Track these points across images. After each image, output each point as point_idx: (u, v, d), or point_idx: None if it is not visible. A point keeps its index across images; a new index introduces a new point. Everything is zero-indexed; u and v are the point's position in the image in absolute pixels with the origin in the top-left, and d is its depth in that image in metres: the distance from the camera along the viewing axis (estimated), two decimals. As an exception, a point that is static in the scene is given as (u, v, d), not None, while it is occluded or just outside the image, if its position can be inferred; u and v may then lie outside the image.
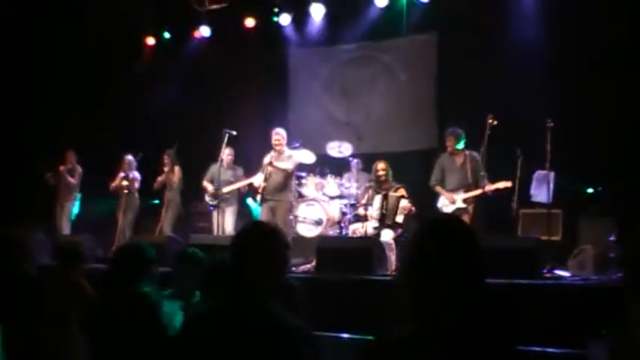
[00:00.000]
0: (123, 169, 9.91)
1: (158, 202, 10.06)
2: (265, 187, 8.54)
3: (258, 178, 8.61)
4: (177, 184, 9.81)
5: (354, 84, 11.11)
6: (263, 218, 8.43)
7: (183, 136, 10.11)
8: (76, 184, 10.25)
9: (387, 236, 7.75)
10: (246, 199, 9.78)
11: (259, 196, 8.61)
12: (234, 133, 8.92)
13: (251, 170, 9.11)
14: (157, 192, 9.96)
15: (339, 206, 8.96)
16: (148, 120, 11.19)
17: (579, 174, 8.12)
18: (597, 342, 3.22)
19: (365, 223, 8.07)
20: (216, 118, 10.25)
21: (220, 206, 9.10)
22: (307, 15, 11.00)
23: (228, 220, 9.27)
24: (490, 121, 7.57)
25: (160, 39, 11.92)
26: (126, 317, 3.41)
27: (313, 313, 2.77)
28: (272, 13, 11.08)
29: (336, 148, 9.39)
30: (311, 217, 8.76)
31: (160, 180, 9.80)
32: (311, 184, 9.13)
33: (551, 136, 7.18)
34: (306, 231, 8.73)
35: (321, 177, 9.23)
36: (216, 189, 9.03)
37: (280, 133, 8.77)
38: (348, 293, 6.19)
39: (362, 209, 8.31)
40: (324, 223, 8.64)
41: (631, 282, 3.09)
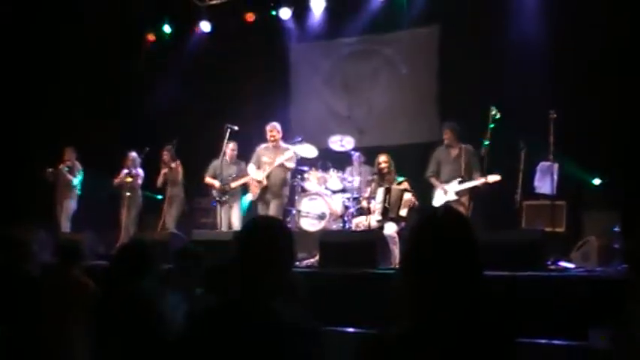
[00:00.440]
0: (126, 165, 9.92)
1: (162, 198, 10.05)
2: (267, 183, 8.54)
3: (259, 174, 8.57)
4: (180, 180, 9.80)
5: (355, 78, 11.07)
6: (260, 213, 8.43)
7: (184, 132, 10.10)
8: (77, 181, 10.15)
9: (390, 229, 7.73)
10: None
11: (257, 191, 8.58)
12: (236, 128, 8.91)
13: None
14: (160, 188, 9.94)
15: (342, 200, 8.95)
16: (148, 116, 11.16)
17: (583, 165, 8.09)
18: (597, 330, 3.20)
19: (368, 217, 8.05)
20: (218, 113, 10.23)
21: (227, 202, 9.07)
22: (308, 9, 10.97)
23: (235, 215, 9.21)
24: (493, 113, 7.54)
25: (160, 35, 11.90)
26: (128, 313, 3.40)
27: (317, 307, 2.76)
28: (272, 7, 11.05)
29: (338, 142, 9.35)
30: (314, 212, 8.74)
31: (163, 177, 9.80)
32: (313, 178, 9.11)
33: (554, 127, 7.14)
34: (309, 225, 8.71)
35: (324, 171, 9.21)
36: (223, 184, 9.01)
37: (276, 127, 8.74)
38: (352, 287, 6.18)
39: (365, 202, 8.29)
40: (327, 217, 8.63)
41: (633, 278, 3.08)
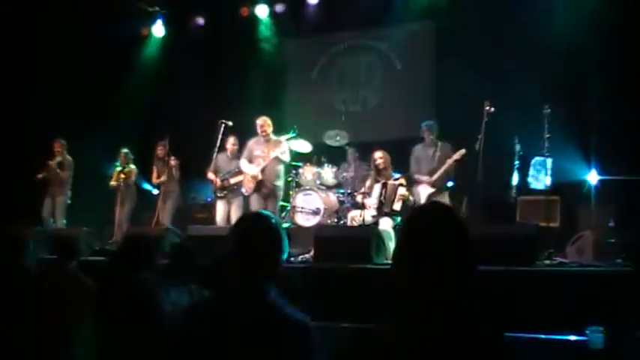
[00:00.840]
0: (120, 161, 9.91)
1: (157, 193, 10.04)
2: (261, 177, 8.50)
3: (252, 168, 8.53)
4: (175, 175, 9.79)
5: (350, 73, 11.08)
6: (255, 207, 8.40)
7: (179, 128, 10.09)
8: (68, 176, 10.02)
9: (385, 224, 7.74)
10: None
11: (251, 185, 8.54)
12: (230, 123, 8.90)
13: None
14: (156, 184, 9.95)
15: (337, 195, 8.95)
16: (144, 112, 11.15)
17: (577, 160, 8.12)
18: (596, 327, 3.22)
19: (363, 212, 8.06)
20: (213, 108, 10.20)
21: (227, 197, 9.04)
22: (303, 3, 10.96)
23: (235, 210, 9.09)
24: (487, 107, 7.54)
25: (154, 30, 11.88)
26: (128, 307, 3.41)
27: (311, 302, 2.76)
28: (268, 1, 11.06)
29: (333, 137, 9.36)
30: (309, 207, 8.73)
31: (156, 173, 9.80)
32: (308, 173, 9.12)
33: (548, 122, 7.15)
34: (304, 220, 8.70)
35: (318, 166, 9.21)
36: (222, 180, 8.98)
37: (267, 121, 8.61)
38: (346, 282, 6.18)
39: (360, 197, 8.30)
40: (322, 212, 8.62)
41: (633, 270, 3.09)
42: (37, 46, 11.16)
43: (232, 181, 8.96)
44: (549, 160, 7.37)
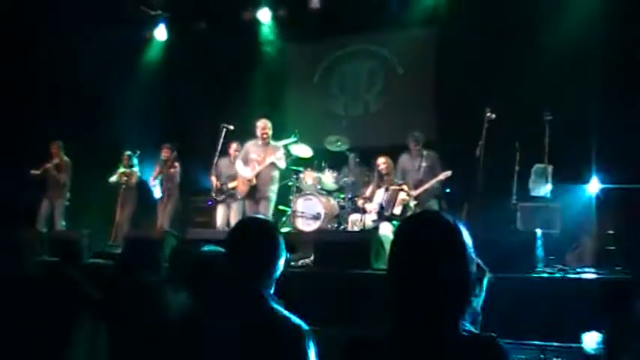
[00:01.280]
0: (122, 164, 9.92)
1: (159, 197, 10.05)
2: (256, 182, 8.47)
3: (247, 171, 8.49)
4: (177, 178, 9.80)
5: (352, 78, 11.10)
6: (249, 211, 8.39)
7: (180, 131, 10.10)
8: (66, 178, 9.96)
9: (385, 229, 7.75)
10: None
11: (245, 189, 8.52)
12: (232, 127, 8.90)
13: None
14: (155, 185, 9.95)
15: (337, 200, 8.96)
16: (145, 115, 11.16)
17: (577, 167, 8.12)
18: (591, 334, 3.23)
19: (364, 216, 8.07)
20: (214, 112, 10.23)
21: (226, 201, 9.04)
22: (305, 8, 10.97)
23: (234, 214, 9.06)
24: (488, 114, 7.55)
25: (156, 34, 11.90)
26: (134, 305, 3.42)
27: (311, 306, 2.77)
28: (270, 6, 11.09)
29: (334, 142, 9.38)
30: (309, 212, 8.73)
31: (158, 174, 9.80)
32: (309, 178, 9.12)
33: (549, 129, 7.16)
34: (304, 225, 8.71)
35: (319, 171, 9.22)
36: (221, 184, 8.98)
37: (267, 124, 8.59)
38: (346, 287, 6.18)
39: (361, 202, 8.31)
40: (323, 217, 8.62)
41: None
42: (37, 48, 11.16)
43: (230, 185, 8.98)
44: (550, 167, 7.38)
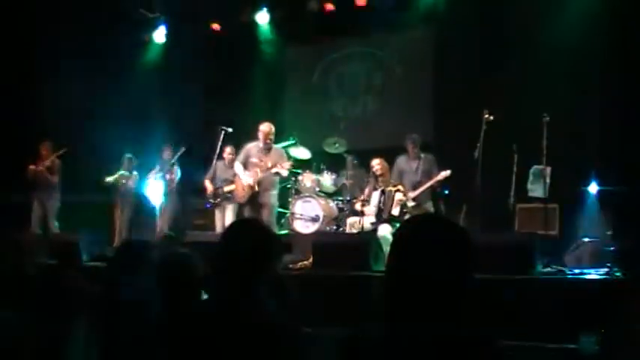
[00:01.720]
0: (124, 166, 9.93)
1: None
2: (257, 189, 8.35)
3: (248, 177, 8.33)
4: (175, 181, 9.80)
5: (349, 80, 11.11)
6: (247, 216, 8.33)
7: (179, 134, 10.10)
8: (57, 179, 9.83)
9: (384, 231, 7.75)
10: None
11: (244, 194, 8.46)
12: (230, 130, 8.89)
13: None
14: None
15: (336, 202, 8.96)
16: (144, 118, 11.16)
17: (575, 168, 8.13)
18: (588, 335, 3.23)
19: (362, 218, 8.07)
20: (212, 114, 10.23)
21: (221, 204, 9.04)
22: (303, 10, 10.98)
23: (230, 218, 8.93)
24: (486, 116, 7.56)
25: (155, 37, 11.91)
26: (130, 314, 3.41)
27: (310, 309, 2.77)
28: (267, 9, 11.10)
29: (332, 144, 9.38)
30: (307, 214, 8.72)
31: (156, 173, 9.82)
32: (307, 180, 9.11)
33: (547, 130, 7.17)
34: (302, 227, 8.70)
35: (317, 173, 9.22)
36: (216, 188, 8.97)
37: (272, 128, 8.36)
38: (345, 289, 6.18)
39: (359, 205, 8.32)
40: (321, 219, 8.62)
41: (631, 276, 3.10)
42: (37, 51, 11.17)
43: (226, 189, 8.94)
44: (548, 168, 7.39)
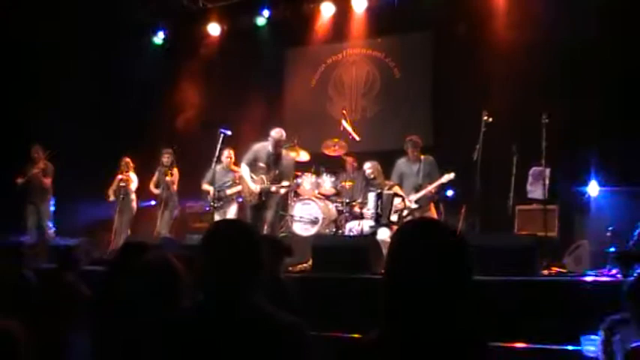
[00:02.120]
0: (120, 170, 9.91)
1: (155, 203, 10.04)
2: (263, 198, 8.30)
3: (253, 184, 8.23)
4: (175, 184, 9.80)
5: (349, 82, 11.11)
6: (250, 217, 8.31)
7: (177, 137, 10.11)
8: (50, 182, 9.83)
9: (383, 235, 7.75)
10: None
11: (250, 199, 8.41)
12: (229, 132, 8.88)
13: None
14: (152, 191, 9.94)
15: (335, 205, 8.96)
16: (142, 121, 11.17)
17: (575, 170, 8.13)
18: (589, 336, 3.23)
19: (361, 222, 8.07)
20: (211, 117, 10.23)
21: (221, 207, 9.03)
22: (302, 13, 11.00)
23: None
24: (485, 117, 7.56)
25: (155, 39, 11.93)
26: (126, 317, 3.40)
27: (309, 312, 2.76)
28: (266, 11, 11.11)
29: (332, 146, 9.38)
30: (307, 216, 8.73)
31: (156, 179, 9.80)
32: (307, 182, 9.10)
33: (546, 131, 7.17)
34: (302, 230, 8.70)
35: (317, 176, 9.22)
36: (217, 191, 8.95)
37: (284, 134, 8.23)
38: (344, 292, 6.17)
39: (357, 207, 8.32)
40: (321, 221, 8.62)
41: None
42: (36, 55, 11.16)
43: (228, 192, 8.96)
44: (547, 170, 7.39)
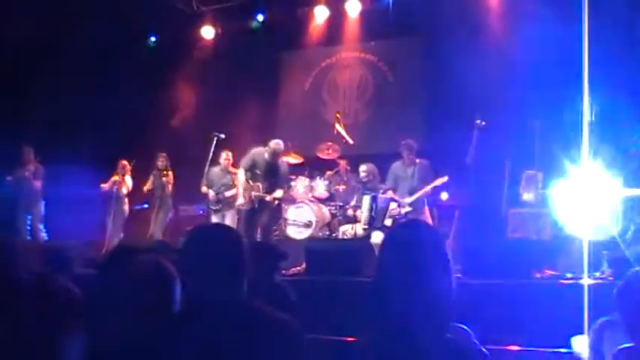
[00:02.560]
0: (117, 172, 9.89)
1: (147, 206, 10.02)
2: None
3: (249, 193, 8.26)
4: (170, 188, 9.78)
5: (343, 85, 11.13)
6: (245, 221, 8.31)
7: (171, 140, 10.09)
8: (41, 185, 9.78)
9: (377, 238, 7.75)
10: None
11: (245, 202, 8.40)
12: (223, 135, 8.89)
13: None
14: (146, 194, 9.92)
15: (329, 208, 8.97)
16: (137, 124, 11.15)
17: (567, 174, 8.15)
18: (580, 338, 3.24)
19: (354, 225, 8.08)
20: (205, 120, 10.23)
21: (220, 210, 9.01)
22: (296, 17, 11.02)
23: (228, 223, 8.97)
24: (478, 122, 7.58)
25: (150, 42, 11.93)
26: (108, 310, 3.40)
27: (303, 315, 2.76)
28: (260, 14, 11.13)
29: (325, 149, 9.39)
30: (300, 220, 8.74)
31: (151, 183, 9.78)
32: (300, 186, 9.12)
33: (538, 136, 7.20)
34: (295, 233, 8.71)
35: (310, 179, 9.22)
36: (217, 194, 8.94)
37: (282, 146, 8.18)
38: (338, 295, 6.17)
39: (351, 210, 8.33)
40: (314, 225, 8.63)
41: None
42: (29, 56, 11.13)
43: (227, 194, 8.94)
44: (540, 173, 7.41)
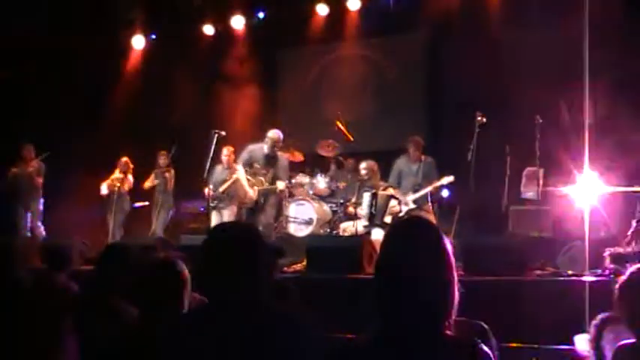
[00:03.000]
0: (119, 169, 9.88)
1: (148, 204, 10.02)
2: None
3: (250, 190, 8.33)
4: (171, 185, 9.77)
5: (343, 82, 11.12)
6: (245, 219, 8.32)
7: (173, 137, 10.08)
8: (41, 182, 9.88)
9: (377, 235, 7.75)
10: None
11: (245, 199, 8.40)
12: (223, 133, 8.86)
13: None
14: (147, 191, 9.91)
15: (330, 205, 8.96)
16: (138, 121, 11.15)
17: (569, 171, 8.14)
18: (582, 336, 3.23)
19: (355, 222, 8.07)
20: (206, 117, 10.22)
21: (217, 207, 8.98)
22: (296, 14, 11.00)
23: (227, 219, 8.93)
24: (479, 118, 7.57)
25: (149, 39, 11.90)
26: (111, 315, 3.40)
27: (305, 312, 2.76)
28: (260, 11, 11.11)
29: (326, 146, 9.38)
30: (301, 217, 8.73)
31: (152, 181, 9.77)
32: (301, 183, 9.11)
33: (540, 132, 7.18)
34: (296, 230, 8.70)
35: (311, 176, 9.21)
36: (214, 190, 8.92)
37: (280, 135, 8.43)
38: (339, 293, 6.17)
39: (352, 208, 8.32)
40: (315, 222, 8.62)
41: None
42: (28, 54, 11.13)
43: (221, 189, 8.89)
44: (541, 170, 7.40)
